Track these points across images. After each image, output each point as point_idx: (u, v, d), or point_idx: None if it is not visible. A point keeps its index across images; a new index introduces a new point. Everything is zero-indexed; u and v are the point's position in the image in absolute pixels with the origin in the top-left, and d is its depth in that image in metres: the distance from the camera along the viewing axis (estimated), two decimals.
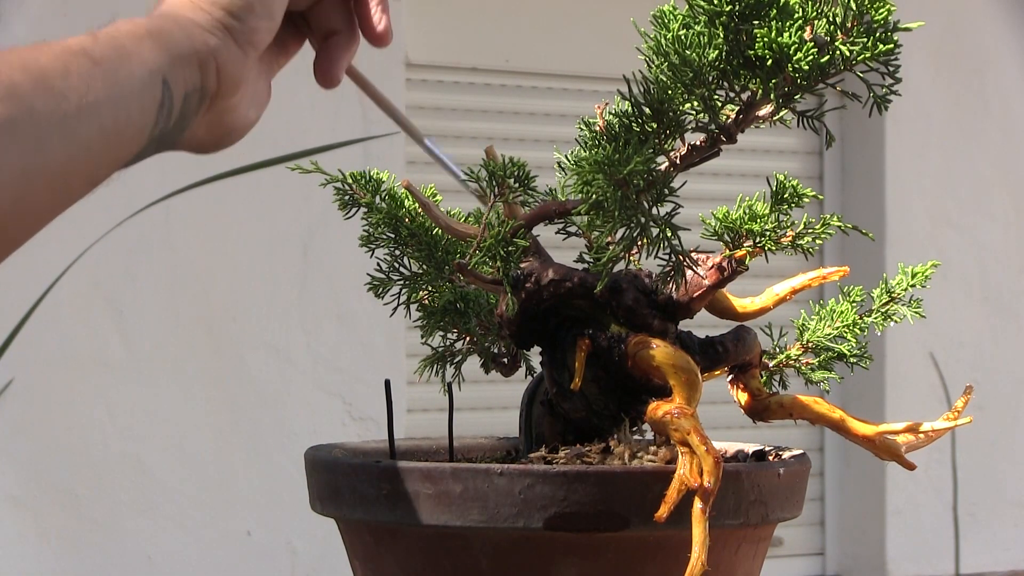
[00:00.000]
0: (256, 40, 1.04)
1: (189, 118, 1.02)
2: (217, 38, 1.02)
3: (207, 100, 1.02)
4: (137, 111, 0.96)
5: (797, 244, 1.28)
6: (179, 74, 0.99)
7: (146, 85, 0.97)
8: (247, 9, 1.03)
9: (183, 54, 0.99)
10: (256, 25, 1.04)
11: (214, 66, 1.02)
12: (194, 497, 4.56)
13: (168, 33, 1.00)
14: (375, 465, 1.21)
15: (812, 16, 1.17)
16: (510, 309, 1.28)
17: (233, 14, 1.03)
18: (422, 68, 5.07)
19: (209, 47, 1.01)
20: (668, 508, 1.14)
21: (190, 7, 1.02)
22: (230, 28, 1.03)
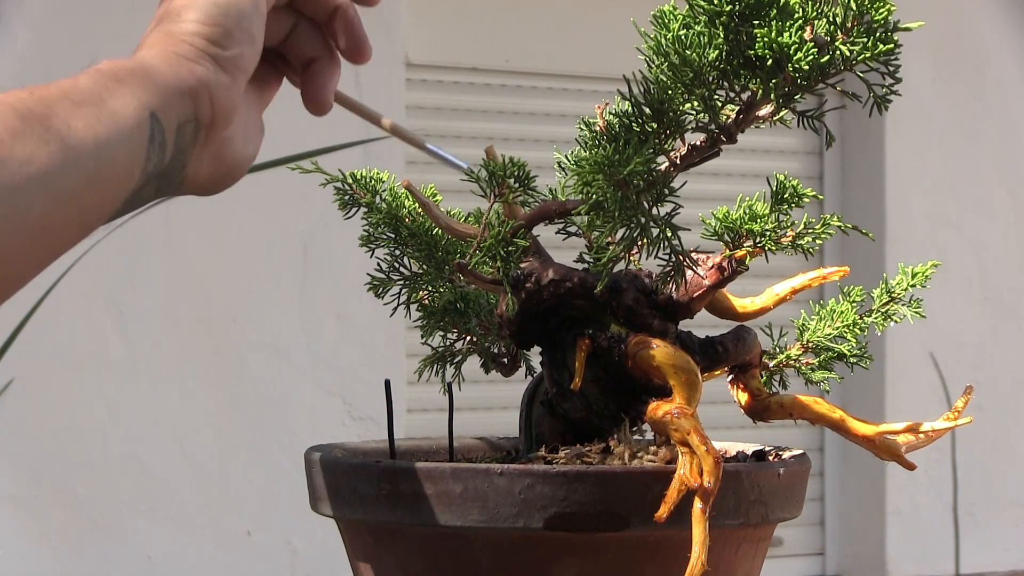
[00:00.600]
0: (242, 65, 1.05)
1: (187, 152, 1.02)
2: (204, 67, 1.02)
3: (203, 131, 1.03)
4: (124, 151, 0.96)
5: (797, 244, 1.28)
6: (170, 107, 0.99)
7: (133, 123, 0.96)
8: (227, 36, 1.04)
9: (172, 86, 1.00)
10: (239, 51, 1.04)
11: (206, 95, 1.02)
12: (194, 497, 4.56)
13: (153, 68, 1.00)
14: (375, 465, 1.21)
15: (812, 16, 1.17)
16: (510, 309, 1.28)
17: (215, 42, 1.03)
18: (422, 68, 5.07)
19: (197, 76, 1.02)
20: (668, 508, 1.14)
21: (171, 42, 1.03)
22: (215, 56, 1.03)
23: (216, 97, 1.03)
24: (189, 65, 1.02)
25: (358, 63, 1.15)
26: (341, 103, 1.19)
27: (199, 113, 1.02)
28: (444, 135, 5.07)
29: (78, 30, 4.36)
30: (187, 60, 1.02)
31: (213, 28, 1.03)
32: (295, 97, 1.19)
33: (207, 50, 1.03)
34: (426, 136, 1.22)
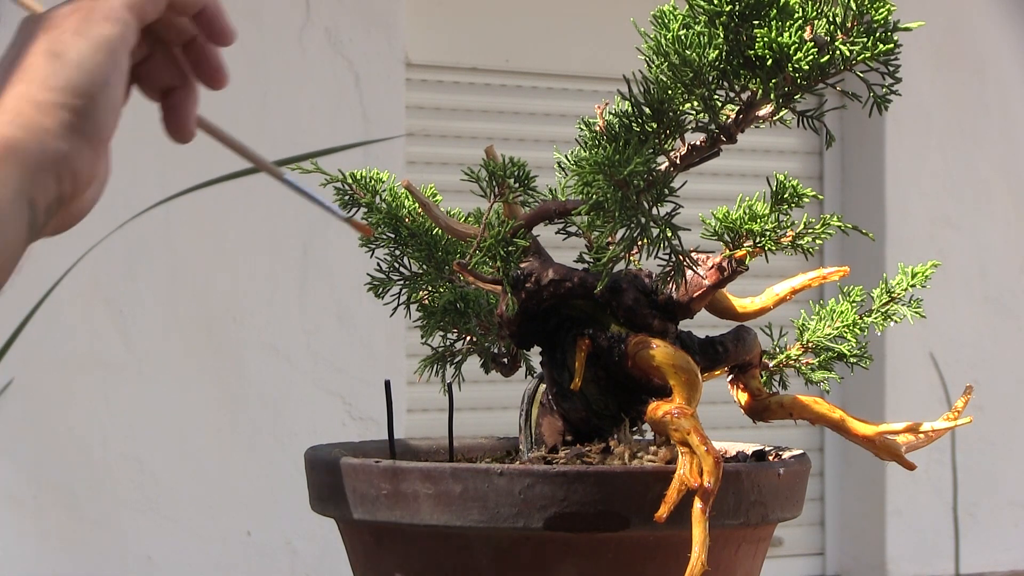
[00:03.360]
0: (105, 135, 1.02)
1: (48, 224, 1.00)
2: (68, 143, 0.99)
3: (64, 203, 1.00)
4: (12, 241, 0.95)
5: (797, 244, 1.28)
6: (40, 190, 0.97)
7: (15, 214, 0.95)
8: (92, 107, 1.00)
9: (40, 165, 0.97)
10: (104, 120, 1.01)
11: (69, 172, 0.99)
12: (194, 497, 4.56)
13: (24, 147, 0.97)
14: (375, 465, 1.21)
15: (812, 16, 1.17)
16: (510, 309, 1.28)
17: (80, 113, 1.00)
18: (422, 68, 5.07)
19: (62, 154, 0.98)
20: (668, 508, 1.14)
21: (36, 107, 0.99)
22: (79, 129, 1.00)
23: (78, 172, 1.00)
24: (55, 143, 0.98)
25: (215, 89, 1.13)
26: (204, 130, 1.16)
27: (62, 191, 0.99)
28: (444, 135, 5.07)
29: None
30: (53, 136, 0.98)
31: (77, 100, 1.00)
32: (295, 99, 1.19)
33: (72, 122, 0.99)
34: (426, 136, 1.22)
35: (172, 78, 1.11)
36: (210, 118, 1.14)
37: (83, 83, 1.00)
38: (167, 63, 1.10)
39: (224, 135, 1.17)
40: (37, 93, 0.99)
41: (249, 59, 4.49)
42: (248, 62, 4.48)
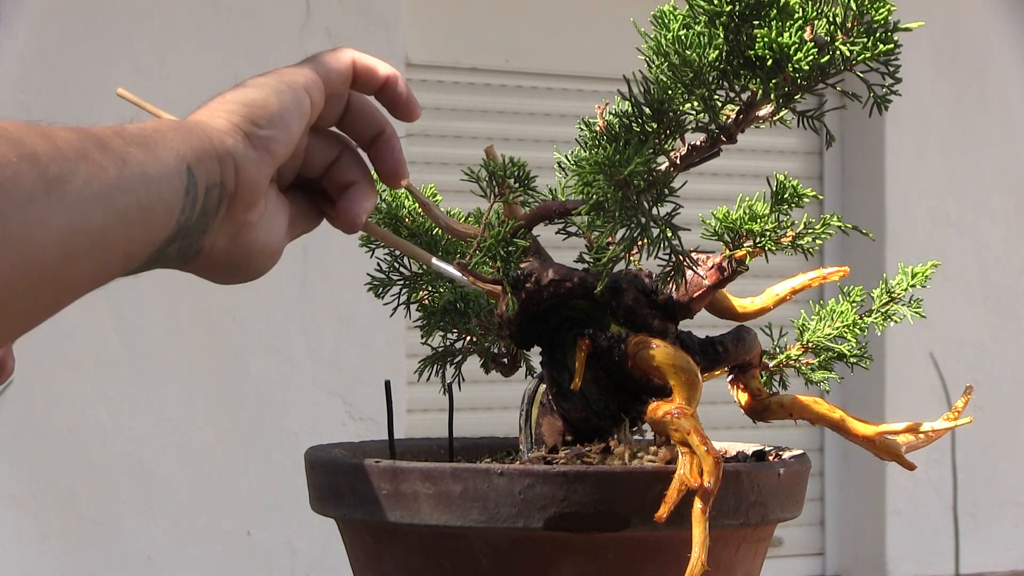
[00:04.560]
0: (272, 148, 1.10)
1: (210, 216, 1.06)
2: (235, 140, 1.07)
3: (226, 200, 1.07)
4: (168, 192, 1.01)
5: (797, 244, 1.28)
6: (202, 167, 1.04)
7: (173, 170, 1.02)
8: (265, 118, 1.09)
9: (204, 149, 1.05)
10: (273, 134, 1.09)
11: (232, 165, 1.07)
12: (194, 497, 4.56)
13: (189, 130, 1.05)
14: (375, 465, 1.21)
15: (812, 16, 1.17)
16: (510, 309, 1.28)
17: (251, 120, 1.09)
18: (422, 68, 5.07)
19: (227, 146, 1.07)
20: (668, 508, 1.14)
21: (209, 115, 1.08)
22: (248, 133, 1.08)
23: (242, 169, 1.07)
24: (222, 136, 1.07)
25: (395, 187, 1.21)
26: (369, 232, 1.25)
27: (225, 179, 1.06)
28: (444, 135, 5.08)
29: (78, 30, 4.36)
30: (220, 131, 1.07)
31: (251, 108, 1.09)
32: None
33: (241, 125, 1.08)
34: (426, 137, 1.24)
35: (355, 175, 1.19)
36: None
37: (259, 98, 1.10)
38: (352, 163, 1.19)
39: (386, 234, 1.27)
40: (216, 103, 1.10)
41: (249, 59, 4.49)
42: (248, 62, 4.48)
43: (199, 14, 4.55)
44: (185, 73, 4.45)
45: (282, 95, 1.10)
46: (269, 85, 1.11)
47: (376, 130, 1.19)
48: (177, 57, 4.46)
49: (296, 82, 1.12)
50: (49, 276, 0.93)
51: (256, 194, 1.09)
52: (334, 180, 1.19)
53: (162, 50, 4.46)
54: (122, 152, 0.98)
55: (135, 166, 0.98)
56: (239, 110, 1.09)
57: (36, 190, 0.91)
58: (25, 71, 4.33)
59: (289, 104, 1.10)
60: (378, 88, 1.18)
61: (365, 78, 1.17)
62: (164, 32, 4.49)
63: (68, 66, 4.31)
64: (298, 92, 1.11)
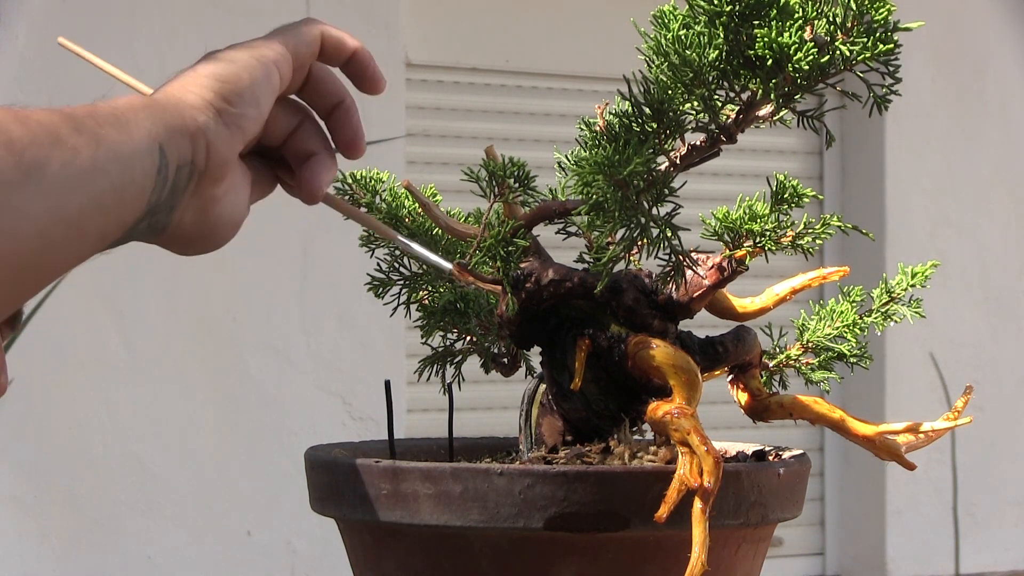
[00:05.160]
0: (244, 125, 1.10)
1: (179, 194, 1.06)
2: (207, 116, 1.07)
3: (196, 177, 1.07)
4: (140, 173, 1.01)
5: (797, 244, 1.28)
6: (173, 145, 1.04)
7: (145, 150, 1.02)
8: (236, 94, 1.09)
9: (176, 126, 1.05)
10: (244, 111, 1.09)
11: (204, 142, 1.07)
12: (194, 497, 4.56)
13: (161, 108, 1.05)
14: (375, 465, 1.21)
15: (812, 16, 1.17)
16: (510, 309, 1.28)
17: (223, 97, 1.08)
18: (422, 68, 5.07)
19: (199, 123, 1.06)
20: (668, 508, 1.14)
21: (181, 90, 1.08)
22: (220, 110, 1.08)
23: (213, 146, 1.07)
24: (194, 112, 1.06)
25: (352, 158, 1.20)
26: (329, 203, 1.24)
27: (196, 157, 1.06)
28: (444, 135, 5.08)
29: (78, 30, 4.36)
30: (192, 108, 1.07)
31: (224, 84, 1.09)
32: None
33: (213, 102, 1.08)
34: (426, 137, 1.24)
35: (315, 145, 1.18)
36: None
37: (230, 74, 1.09)
38: (312, 133, 1.18)
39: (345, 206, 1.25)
40: (188, 77, 1.09)
41: None
42: None
43: (199, 14, 4.55)
44: None
45: (253, 70, 1.10)
46: (241, 60, 1.10)
47: (336, 100, 1.19)
48: (177, 57, 4.46)
49: (267, 56, 1.11)
50: (28, 264, 0.94)
51: (225, 170, 1.09)
52: (294, 149, 1.18)
53: (162, 50, 4.46)
54: (95, 133, 0.98)
55: (109, 147, 0.98)
56: (211, 85, 1.08)
57: (14, 178, 0.92)
58: (25, 71, 4.33)
59: (260, 80, 1.10)
60: (345, 60, 1.18)
61: (333, 50, 1.17)
62: (164, 32, 4.49)
63: (68, 66, 4.31)
64: (269, 67, 1.11)
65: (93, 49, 1.26)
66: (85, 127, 0.98)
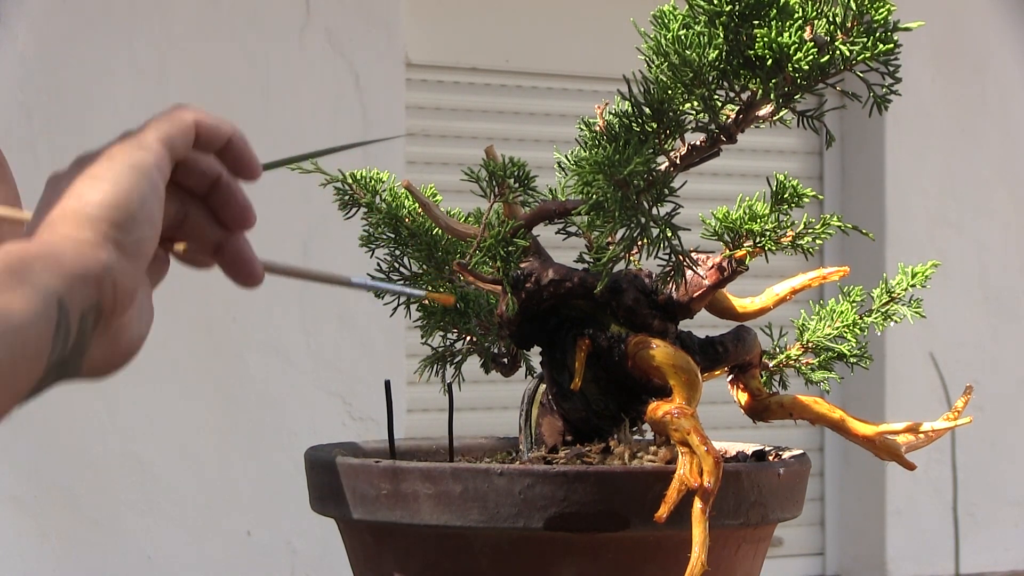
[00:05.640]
0: (144, 250, 1.04)
1: (86, 341, 1.01)
2: (107, 252, 1.01)
3: (103, 318, 1.02)
4: (33, 339, 0.95)
5: (797, 244, 1.28)
6: (75, 294, 0.98)
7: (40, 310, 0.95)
8: (130, 220, 1.03)
9: (78, 273, 0.99)
10: (141, 235, 1.04)
11: (110, 281, 1.01)
12: (194, 497, 4.56)
13: (60, 253, 0.99)
14: (375, 465, 1.21)
15: (812, 16, 1.17)
16: (510, 309, 1.28)
17: (118, 226, 1.02)
18: (422, 68, 5.07)
19: (102, 263, 1.00)
20: (668, 508, 1.14)
21: (75, 225, 1.01)
22: (118, 242, 1.02)
23: (119, 283, 1.02)
24: (94, 250, 1.00)
25: (245, 229, 1.13)
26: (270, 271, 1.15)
27: (102, 300, 1.01)
28: (444, 135, 5.08)
29: (78, 30, 4.36)
30: (91, 244, 1.00)
31: (116, 212, 1.02)
32: (294, 98, 1.19)
33: (110, 234, 1.02)
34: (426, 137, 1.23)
35: (215, 233, 1.12)
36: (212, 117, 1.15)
37: (120, 199, 1.02)
38: (205, 219, 1.12)
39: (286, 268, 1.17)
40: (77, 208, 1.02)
41: (249, 59, 4.49)
42: (248, 62, 4.48)
43: (199, 14, 4.55)
44: (185, 73, 4.45)
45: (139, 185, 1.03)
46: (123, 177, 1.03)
47: (211, 177, 1.11)
48: (177, 57, 4.46)
49: (146, 163, 1.05)
50: None
51: (132, 299, 1.03)
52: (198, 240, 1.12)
53: (162, 50, 4.46)
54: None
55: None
56: (104, 215, 1.01)
57: None
58: (25, 71, 4.33)
59: (148, 194, 1.04)
60: (220, 147, 1.11)
61: (208, 139, 1.10)
62: (164, 32, 4.49)
63: (68, 66, 4.31)
64: (152, 176, 1.05)
65: (93, 48, 1.26)
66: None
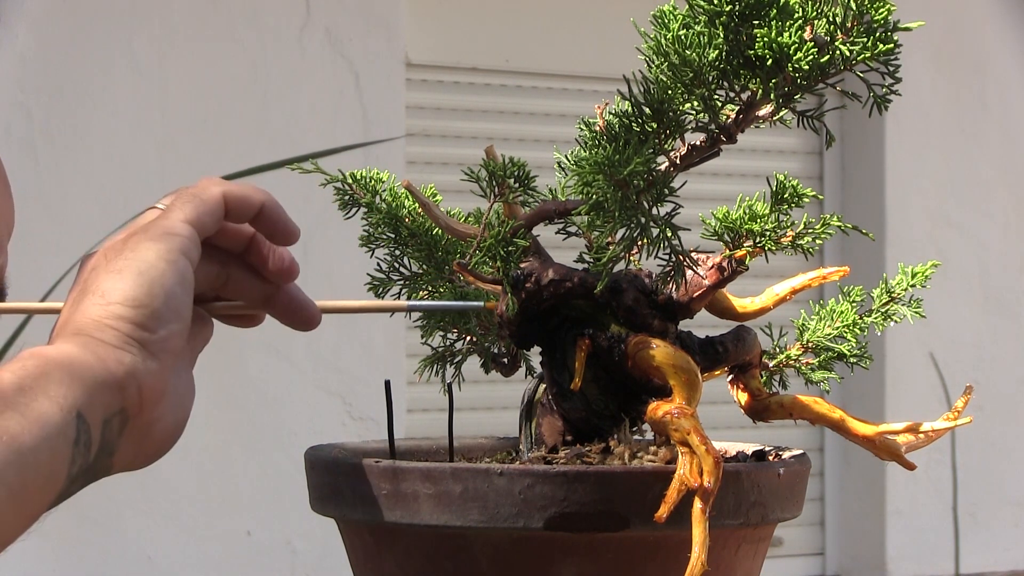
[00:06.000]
0: (171, 346, 0.99)
1: (113, 443, 0.97)
2: (131, 354, 0.96)
3: (130, 421, 0.97)
4: (46, 460, 0.91)
5: (797, 244, 1.28)
6: (96, 403, 0.94)
7: (58, 427, 0.91)
8: (154, 317, 0.98)
9: (99, 380, 0.94)
10: (167, 332, 0.98)
11: (134, 385, 0.96)
12: (194, 497, 4.56)
13: (79, 361, 0.94)
14: (375, 465, 1.21)
15: (812, 16, 1.17)
16: (510, 309, 1.28)
17: (142, 325, 0.97)
18: (422, 68, 5.07)
19: (125, 366, 0.96)
20: (668, 508, 1.14)
21: (96, 326, 0.97)
22: (142, 341, 0.97)
23: (144, 385, 0.97)
24: (116, 354, 0.96)
25: (290, 281, 1.10)
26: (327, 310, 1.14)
27: (127, 404, 0.97)
28: (444, 135, 5.08)
29: (78, 30, 4.36)
30: (114, 348, 0.96)
31: (139, 310, 0.97)
32: (294, 98, 1.19)
33: (133, 335, 0.97)
34: (426, 137, 1.23)
35: (261, 287, 1.08)
36: (212, 118, 1.15)
37: (143, 294, 0.97)
38: (248, 276, 1.08)
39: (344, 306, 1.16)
40: (99, 308, 0.97)
41: (249, 59, 4.49)
42: (248, 62, 4.48)
43: (199, 14, 4.55)
44: (185, 73, 4.45)
45: (163, 279, 0.98)
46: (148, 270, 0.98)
47: (245, 236, 1.08)
48: (177, 57, 4.46)
49: (172, 251, 0.99)
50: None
51: (162, 396, 0.99)
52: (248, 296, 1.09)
53: (162, 50, 4.46)
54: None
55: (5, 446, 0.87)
56: (126, 315, 0.97)
57: None
58: (25, 71, 4.33)
59: (174, 287, 0.99)
60: (253, 217, 1.07)
61: (239, 210, 1.05)
62: (164, 32, 4.49)
63: (68, 66, 4.31)
64: (178, 265, 1.00)
65: (93, 48, 1.26)
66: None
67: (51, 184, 4.35)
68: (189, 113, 4.35)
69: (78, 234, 4.30)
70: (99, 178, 4.37)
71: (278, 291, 1.10)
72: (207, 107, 4.36)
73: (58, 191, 4.36)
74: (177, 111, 4.37)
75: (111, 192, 4.38)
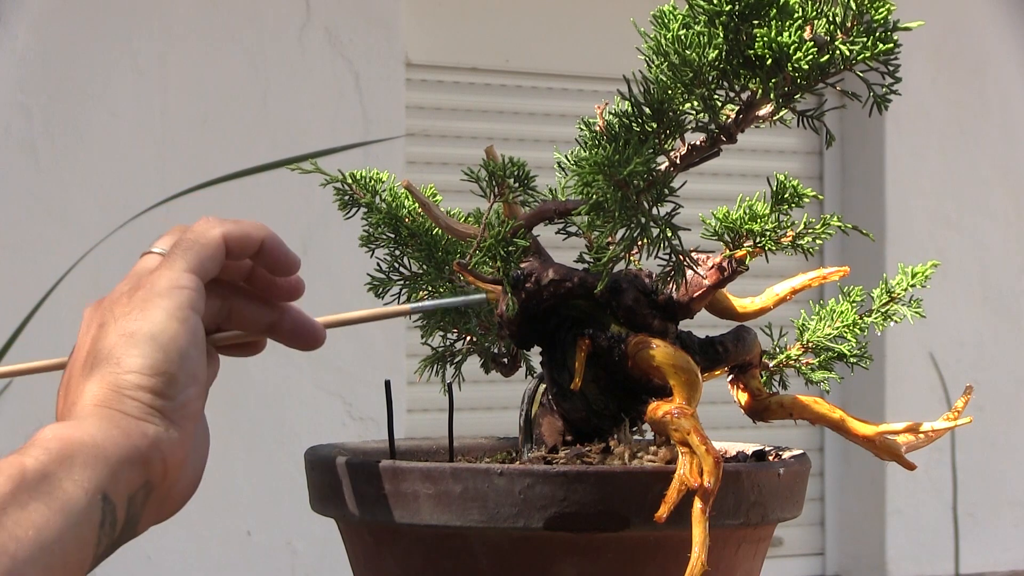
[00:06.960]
0: (191, 411, 0.98)
1: (138, 516, 0.96)
2: (154, 424, 0.95)
3: (153, 492, 0.96)
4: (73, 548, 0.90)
5: (797, 244, 1.28)
6: (121, 480, 0.93)
7: (82, 513, 0.90)
8: (172, 384, 0.97)
9: (123, 457, 0.93)
10: (185, 397, 0.98)
11: (158, 457, 0.95)
12: (194, 497, 4.56)
13: (103, 439, 0.93)
14: (375, 465, 1.21)
15: (812, 16, 1.17)
16: (510, 309, 1.28)
17: (161, 394, 0.96)
18: (422, 68, 5.07)
19: (149, 439, 0.95)
20: (668, 508, 1.14)
21: (116, 398, 0.95)
22: (162, 410, 0.96)
23: (168, 454, 0.96)
24: (141, 426, 0.94)
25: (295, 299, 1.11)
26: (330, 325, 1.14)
27: (151, 476, 0.95)
28: (444, 135, 5.08)
29: (78, 30, 4.36)
30: (137, 420, 0.94)
31: (157, 379, 0.96)
32: (294, 98, 1.19)
33: (154, 404, 0.96)
34: (426, 137, 1.23)
35: (264, 315, 1.08)
36: (212, 118, 1.15)
37: (160, 361, 0.96)
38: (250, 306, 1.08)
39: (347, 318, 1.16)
40: (115, 376, 0.96)
41: (249, 59, 4.49)
42: (248, 62, 4.48)
43: (199, 14, 4.55)
44: (185, 73, 4.45)
45: (177, 339, 0.98)
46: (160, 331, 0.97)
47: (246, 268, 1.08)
48: (177, 57, 4.46)
49: (182, 307, 0.99)
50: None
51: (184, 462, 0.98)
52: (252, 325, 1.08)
53: (162, 50, 4.46)
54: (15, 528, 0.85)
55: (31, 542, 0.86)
56: (145, 384, 0.96)
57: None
58: (25, 71, 4.33)
59: (187, 347, 0.98)
60: (254, 253, 1.07)
61: (239, 249, 1.06)
62: (164, 32, 4.49)
63: (68, 66, 4.31)
64: (189, 320, 0.99)
65: (93, 48, 1.25)
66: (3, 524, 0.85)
67: (51, 184, 4.35)
68: (189, 113, 4.35)
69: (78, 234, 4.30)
70: (99, 178, 4.37)
71: (281, 317, 1.09)
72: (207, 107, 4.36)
73: (58, 191, 4.36)
74: (177, 111, 4.37)
75: (111, 192, 4.38)
